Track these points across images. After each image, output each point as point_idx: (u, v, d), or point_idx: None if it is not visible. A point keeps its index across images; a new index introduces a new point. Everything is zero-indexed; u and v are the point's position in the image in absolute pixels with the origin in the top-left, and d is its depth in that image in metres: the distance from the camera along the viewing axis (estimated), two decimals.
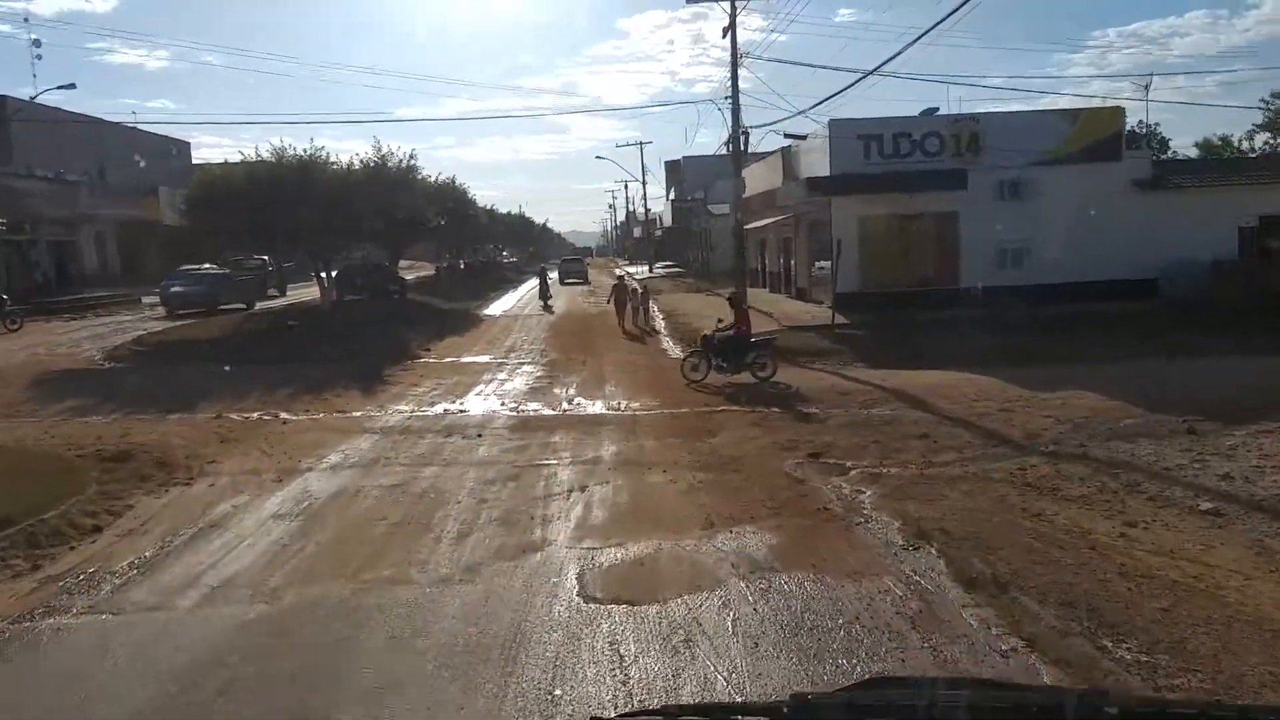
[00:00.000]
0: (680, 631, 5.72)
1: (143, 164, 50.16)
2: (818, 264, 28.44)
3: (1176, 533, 7.58)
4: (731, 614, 5.99)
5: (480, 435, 12.17)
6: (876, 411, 13.63)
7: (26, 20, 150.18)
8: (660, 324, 25.97)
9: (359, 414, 14.22)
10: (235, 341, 23.39)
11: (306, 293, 36.89)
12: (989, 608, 6.04)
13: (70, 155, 45.13)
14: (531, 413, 14.17)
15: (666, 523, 7.93)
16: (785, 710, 1.97)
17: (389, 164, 29.23)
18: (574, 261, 62.27)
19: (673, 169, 65.64)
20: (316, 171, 26.32)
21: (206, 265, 41.21)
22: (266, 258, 40.52)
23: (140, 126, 59.33)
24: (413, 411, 14.34)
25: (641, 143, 65.24)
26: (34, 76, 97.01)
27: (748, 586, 6.46)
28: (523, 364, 19.97)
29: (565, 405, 14.71)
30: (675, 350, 21.45)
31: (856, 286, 25.44)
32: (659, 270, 58.23)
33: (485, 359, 21.16)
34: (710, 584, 6.53)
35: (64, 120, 45.41)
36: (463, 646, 5.60)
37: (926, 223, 26.41)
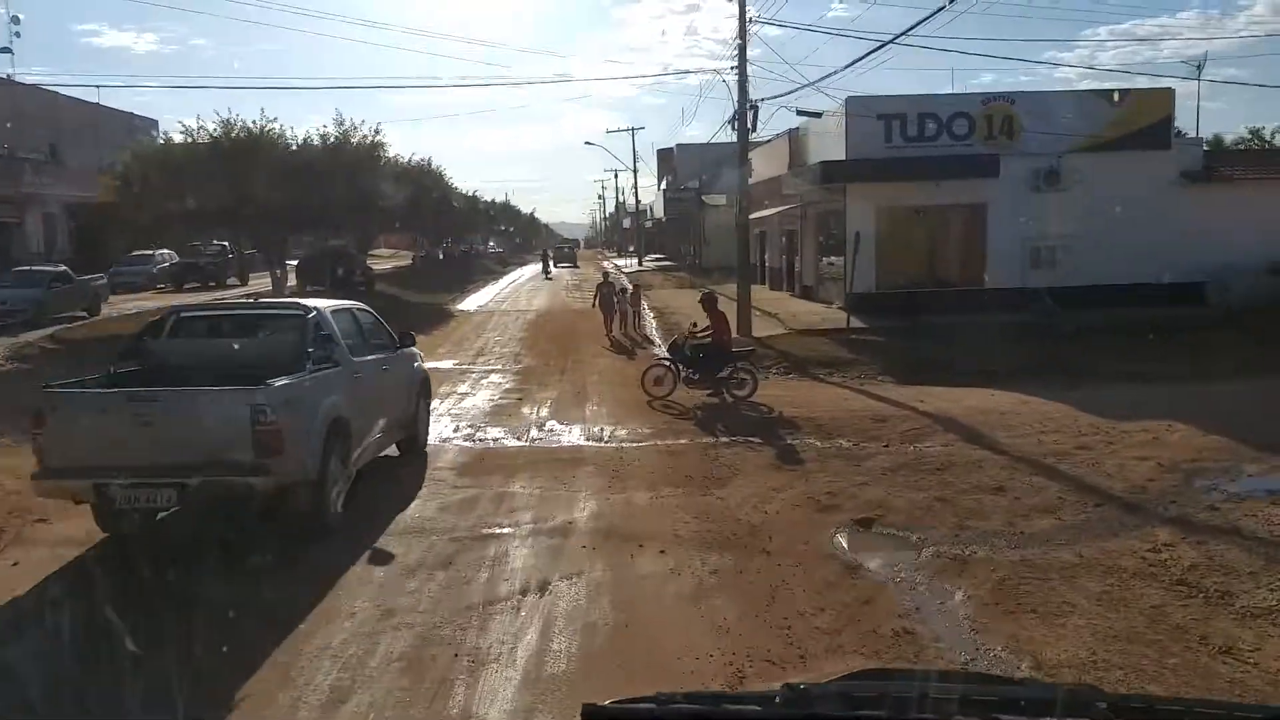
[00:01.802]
0: None
1: (96, 140, 46.77)
2: (827, 260, 25.62)
3: None
4: None
5: (418, 480, 9.30)
6: (926, 447, 10.82)
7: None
8: (651, 327, 22.83)
9: None
10: None
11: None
12: None
13: (24, 132, 41.87)
14: (491, 442, 11.29)
15: (668, 670, 5.05)
16: (777, 700, 1.95)
17: (351, 141, 26.13)
18: (564, 249, 73.96)
19: (665, 158, 62.54)
20: (267, 147, 23.25)
21: (163, 251, 38.34)
22: (227, 243, 37.53)
23: (104, 104, 56.09)
24: None
25: (634, 129, 61.61)
26: (11, 55, 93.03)
27: None
28: (491, 372, 17.07)
29: (534, 432, 11.83)
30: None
31: (871, 285, 22.64)
32: (649, 263, 55.30)
33: (448, 365, 18.26)
34: None
35: (12, 91, 42.18)
36: None
37: (952, 215, 23.60)
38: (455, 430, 11.91)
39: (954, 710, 1.87)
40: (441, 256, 54.18)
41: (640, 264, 55.03)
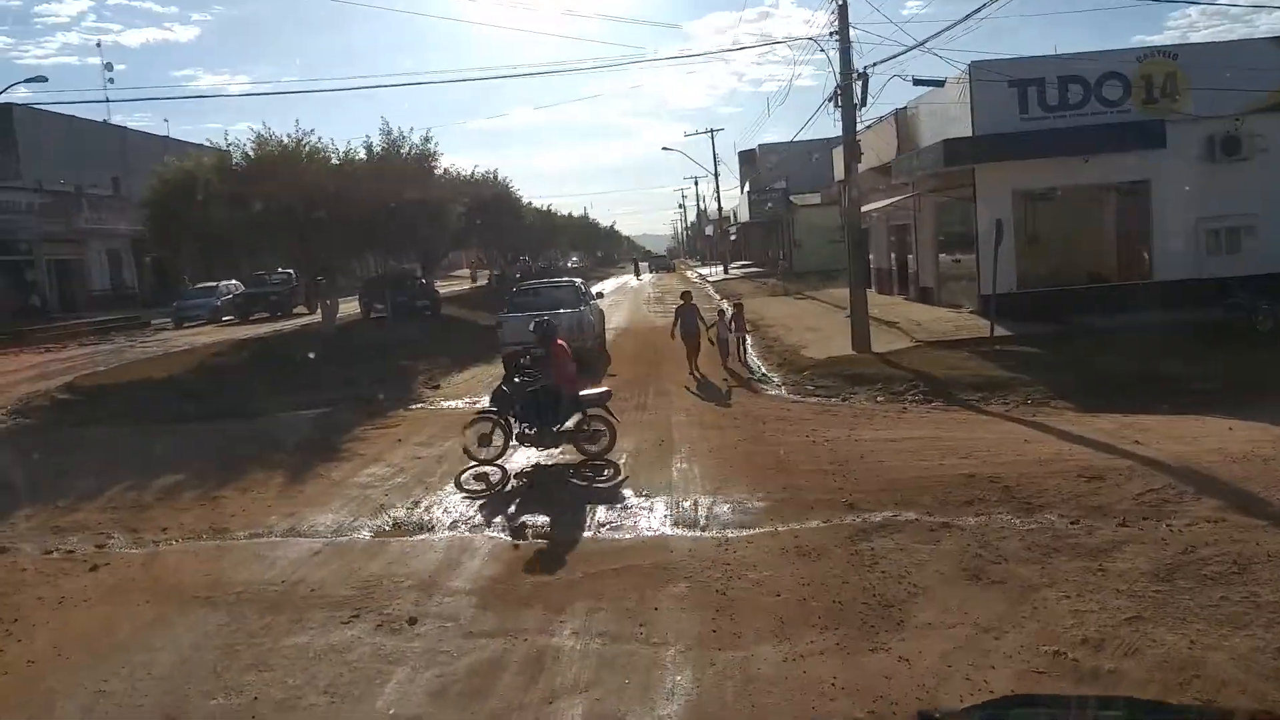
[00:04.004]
0: None
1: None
2: (951, 257, 21.78)
3: None
4: None
5: (414, 623, 6.01)
6: (1188, 527, 7.14)
7: (99, 45, 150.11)
8: (750, 354, 18.07)
9: (244, 535, 8.28)
10: (192, 383, 17.84)
11: (344, 308, 31.05)
12: None
13: (90, 168, 40.85)
14: (533, 534, 7.97)
15: None
16: None
17: (401, 151, 23.33)
18: (660, 259, 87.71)
19: (747, 159, 58.89)
20: (302, 162, 20.59)
21: (228, 283, 36.52)
22: (292, 272, 35.48)
23: (173, 137, 55.41)
24: (336, 528, 8.30)
25: (713, 130, 57.94)
26: (106, 100, 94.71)
27: None
28: None
29: (601, 512, 8.47)
30: (782, 390, 15.01)
31: (1012, 284, 18.77)
32: (735, 271, 51.72)
33: None
34: None
35: (80, 129, 41.21)
36: None
37: (1105, 196, 19.58)
38: (488, 514, 8.64)
39: None
40: (518, 275, 51.55)
41: (726, 272, 51.51)
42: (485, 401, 15.20)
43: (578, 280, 23.18)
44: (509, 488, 9.69)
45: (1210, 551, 6.57)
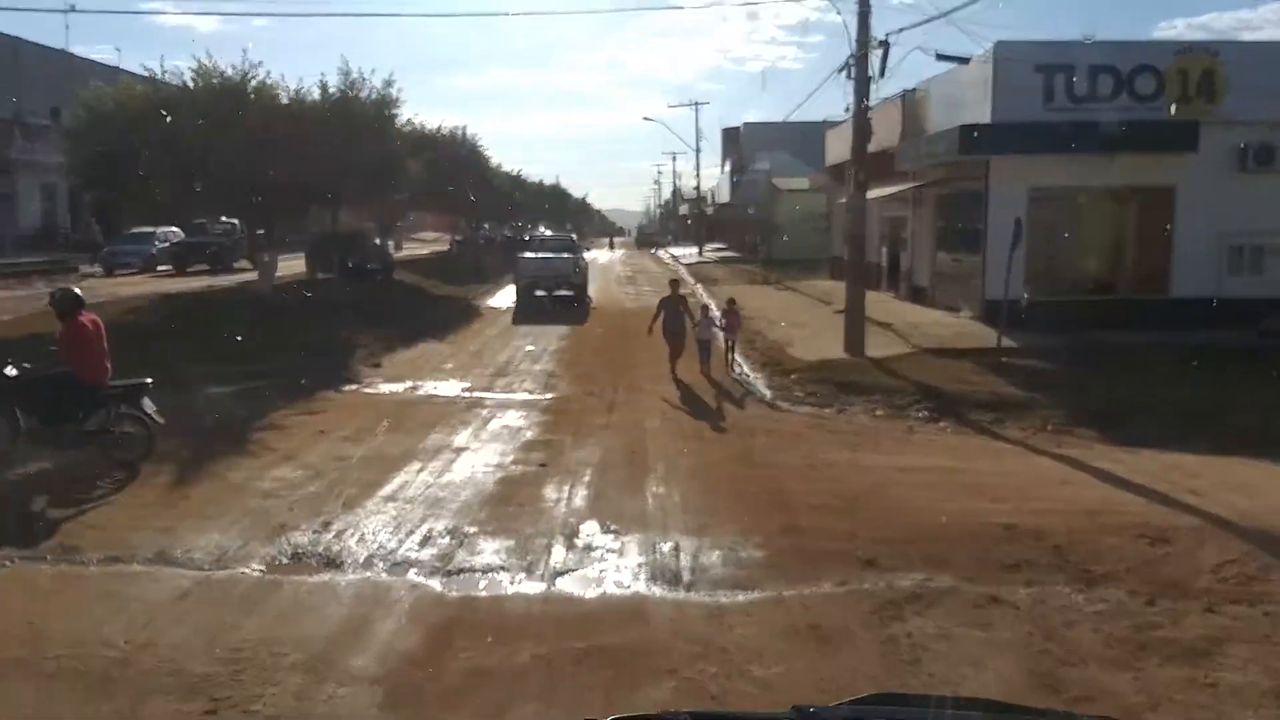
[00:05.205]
0: None
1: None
2: (951, 256, 20.21)
3: None
4: None
5: None
6: None
7: None
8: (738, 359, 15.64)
9: (98, 559, 6.43)
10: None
11: (289, 266, 28.67)
12: None
13: (32, 95, 37.84)
14: (475, 584, 6.17)
15: None
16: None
17: (360, 95, 21.16)
18: (647, 235, 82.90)
19: (731, 138, 56.94)
20: (248, 99, 18.43)
21: (167, 229, 33.95)
22: (237, 222, 32.99)
23: (125, 67, 52.23)
24: (218, 556, 6.47)
25: (697, 103, 55.76)
26: (65, 29, 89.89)
27: None
28: (508, 408, 11.99)
29: (559, 554, 6.69)
30: (768, 394, 13.29)
31: (1017, 292, 17.17)
32: (710, 254, 49.95)
33: (454, 390, 13.28)
34: None
35: (24, 52, 38.21)
36: None
37: (1127, 200, 18.08)
38: (420, 542, 6.85)
39: None
40: (482, 242, 49.24)
41: (700, 255, 49.72)
42: (429, 386, 13.47)
43: (573, 235, 35.09)
44: None
45: None
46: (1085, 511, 7.79)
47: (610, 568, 6.38)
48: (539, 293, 23.72)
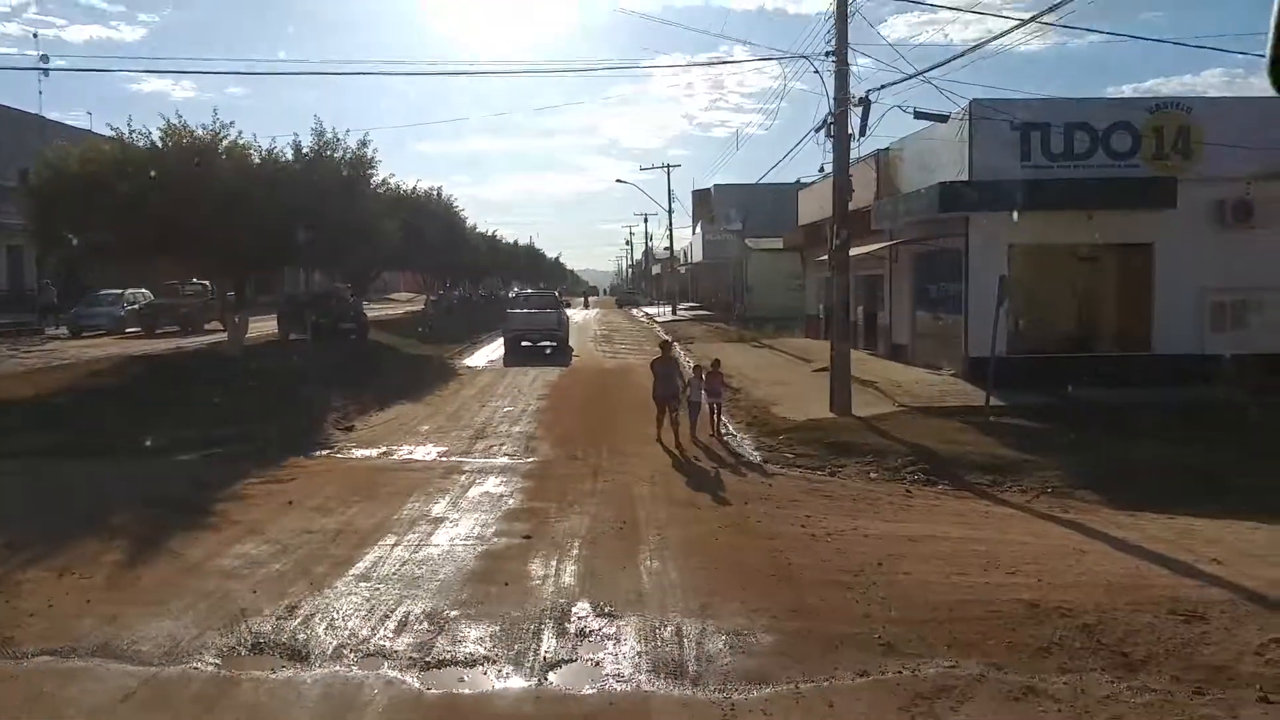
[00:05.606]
0: None
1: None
2: (934, 314, 20.01)
3: None
4: None
5: None
6: None
7: (35, 36, 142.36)
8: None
9: (35, 652, 5.80)
10: (57, 406, 15.01)
11: (261, 327, 27.91)
12: None
13: (1, 159, 37.16)
14: (457, 679, 5.56)
15: None
16: None
17: (334, 155, 20.80)
18: (626, 294, 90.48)
19: (702, 199, 57.27)
20: (219, 158, 18.00)
21: (136, 291, 33.17)
22: (209, 283, 32.32)
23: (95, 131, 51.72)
24: (170, 648, 5.82)
25: (669, 165, 55.86)
26: (39, 94, 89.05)
27: None
28: (488, 473, 11.42)
29: (548, 642, 6.11)
30: (756, 456, 12.79)
31: (1000, 349, 16.96)
32: (684, 312, 49.81)
33: (430, 455, 12.69)
34: None
35: None
36: None
37: (1106, 257, 18.03)
38: (396, 629, 6.25)
39: None
40: (455, 301, 48.79)
41: (674, 313, 49.55)
42: (405, 450, 12.86)
43: (556, 292, 36.95)
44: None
45: None
46: (1109, 585, 7.33)
47: (607, 658, 5.81)
48: (525, 344, 26.88)
